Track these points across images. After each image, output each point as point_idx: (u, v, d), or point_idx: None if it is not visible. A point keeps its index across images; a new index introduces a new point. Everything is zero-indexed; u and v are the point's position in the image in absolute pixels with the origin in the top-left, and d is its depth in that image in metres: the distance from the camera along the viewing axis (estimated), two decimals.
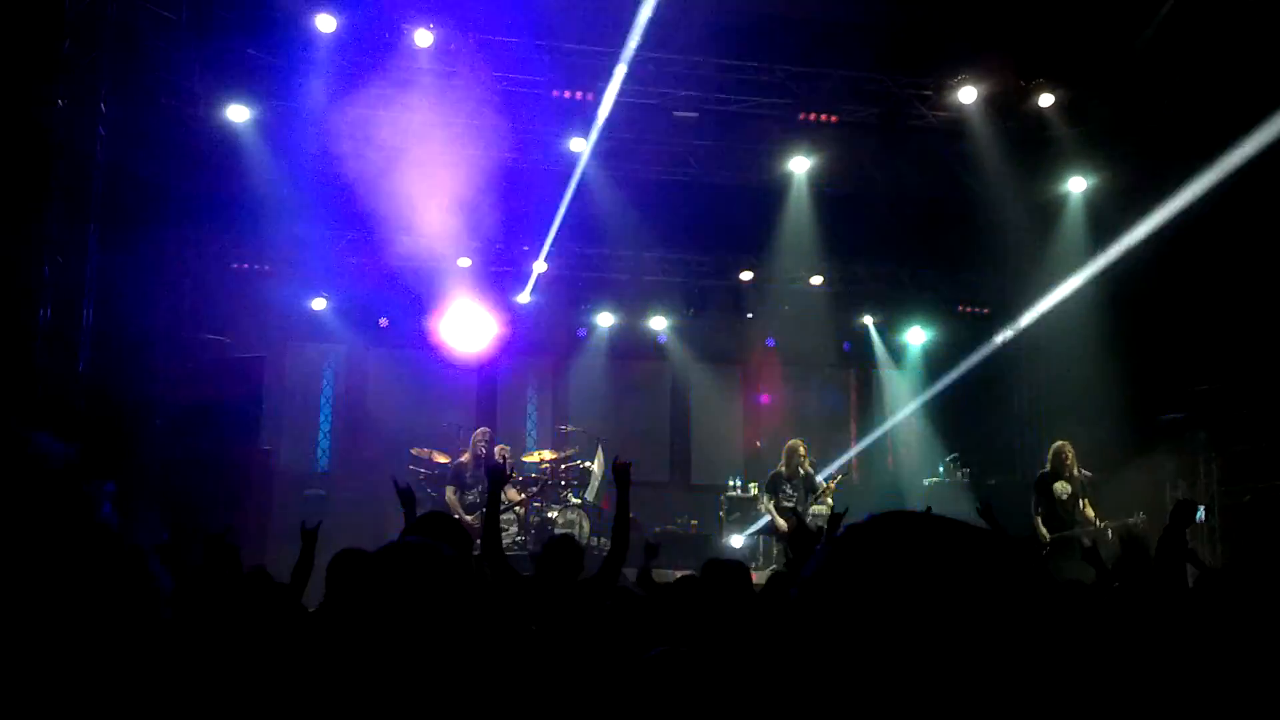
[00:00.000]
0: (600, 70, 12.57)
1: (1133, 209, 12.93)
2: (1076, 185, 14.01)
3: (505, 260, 15.34)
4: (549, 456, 13.91)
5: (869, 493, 15.76)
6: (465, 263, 15.02)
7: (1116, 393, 12.93)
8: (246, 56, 11.79)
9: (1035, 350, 15.30)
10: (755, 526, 13.12)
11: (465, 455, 12.19)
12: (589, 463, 13.93)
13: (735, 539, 13.29)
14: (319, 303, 14.85)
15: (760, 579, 7.85)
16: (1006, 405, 15.84)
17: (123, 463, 9.39)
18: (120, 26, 10.03)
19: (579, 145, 13.51)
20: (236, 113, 12.46)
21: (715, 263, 15.82)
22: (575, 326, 16.26)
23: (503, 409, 16.14)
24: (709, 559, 5.40)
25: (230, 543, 5.09)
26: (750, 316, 16.18)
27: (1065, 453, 10.89)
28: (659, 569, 7.49)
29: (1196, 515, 5.66)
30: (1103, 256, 13.47)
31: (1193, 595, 4.84)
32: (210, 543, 4.92)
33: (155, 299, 11.28)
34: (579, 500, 13.42)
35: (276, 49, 11.74)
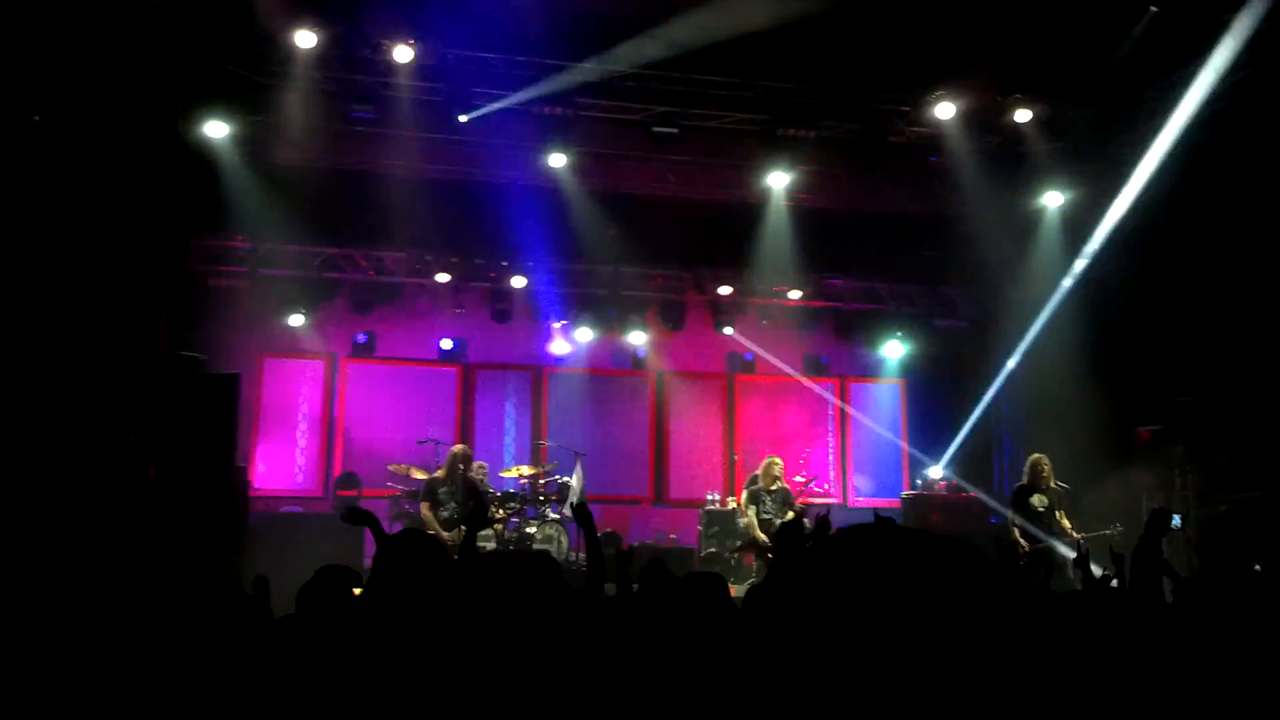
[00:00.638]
0: (579, 85, 12.58)
1: (1109, 223, 13.05)
2: (1053, 200, 14.11)
3: (484, 275, 15.33)
4: (527, 472, 13.89)
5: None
6: (444, 278, 15.01)
7: (1094, 405, 13.01)
8: (225, 72, 11.75)
9: (1013, 362, 15.39)
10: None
11: (440, 471, 12.16)
12: (567, 478, 13.92)
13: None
14: (296, 318, 14.80)
15: (738, 592, 7.86)
16: (984, 417, 15.92)
17: (99, 479, 9.32)
18: (97, 41, 10.00)
19: (558, 160, 13.53)
20: (215, 128, 12.42)
21: (694, 277, 15.85)
22: (554, 341, 16.26)
23: (481, 424, 16.11)
24: (688, 572, 5.39)
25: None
26: (729, 331, 16.21)
27: (1043, 465, 11.05)
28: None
29: (1172, 523, 5.70)
30: (1079, 270, 13.58)
31: (1168, 604, 4.86)
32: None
33: (130, 315, 11.21)
34: (558, 515, 13.39)
35: (256, 65, 11.71)
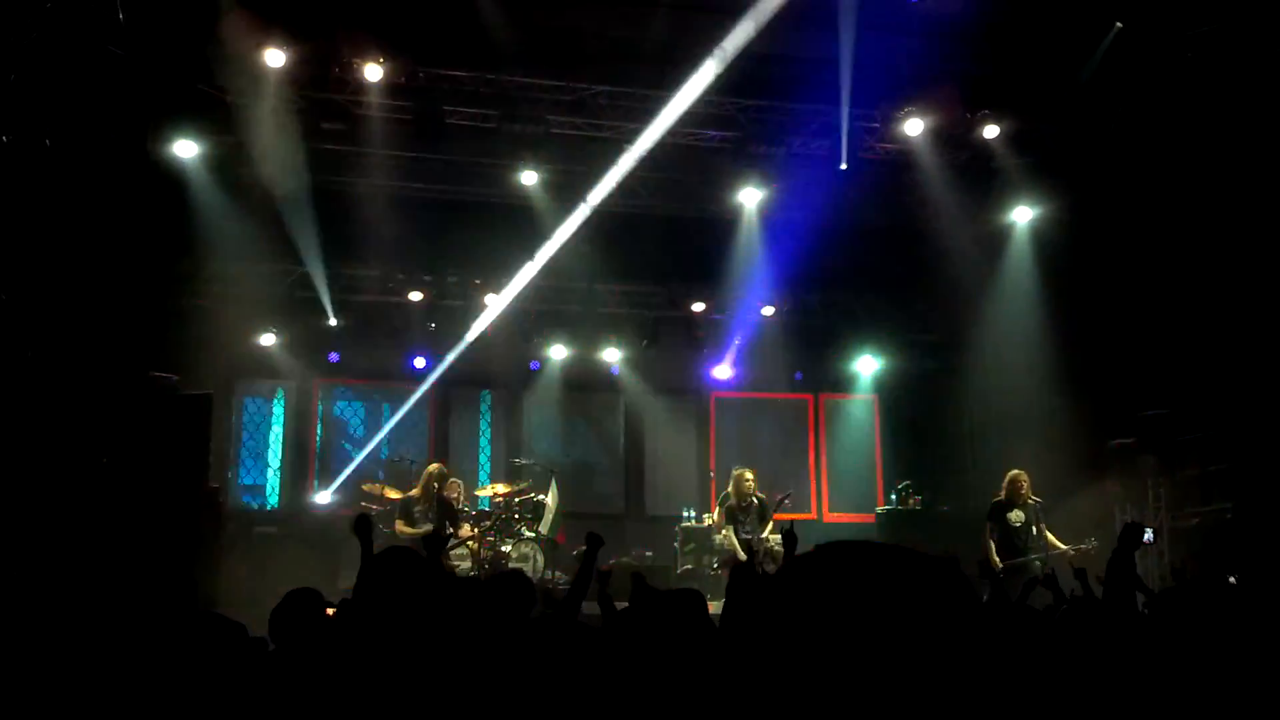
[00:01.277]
0: (552, 103, 12.62)
1: (1078, 237, 13.17)
2: (1022, 215, 14.22)
3: (458, 293, 15.30)
4: (503, 490, 13.84)
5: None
6: (418, 296, 14.98)
7: (1066, 417, 13.10)
8: (195, 92, 11.71)
9: (985, 376, 15.48)
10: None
11: (415, 490, 12.13)
12: (543, 496, 13.87)
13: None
14: (268, 338, 14.72)
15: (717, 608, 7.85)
16: (957, 432, 16.00)
17: (71, 501, 9.24)
18: (66, 60, 9.94)
19: (531, 178, 13.55)
20: (184, 148, 12.37)
21: (668, 294, 15.89)
22: (528, 359, 16.24)
23: (456, 442, 16.06)
24: (654, 590, 5.39)
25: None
26: (703, 347, 16.22)
27: (1020, 481, 11.13)
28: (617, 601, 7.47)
29: (1144, 537, 5.75)
30: (1049, 283, 13.70)
31: (1141, 617, 4.90)
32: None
33: (101, 335, 11.13)
34: (533, 534, 13.34)
35: (225, 84, 11.67)
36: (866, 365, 16.77)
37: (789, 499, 13.28)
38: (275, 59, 11.34)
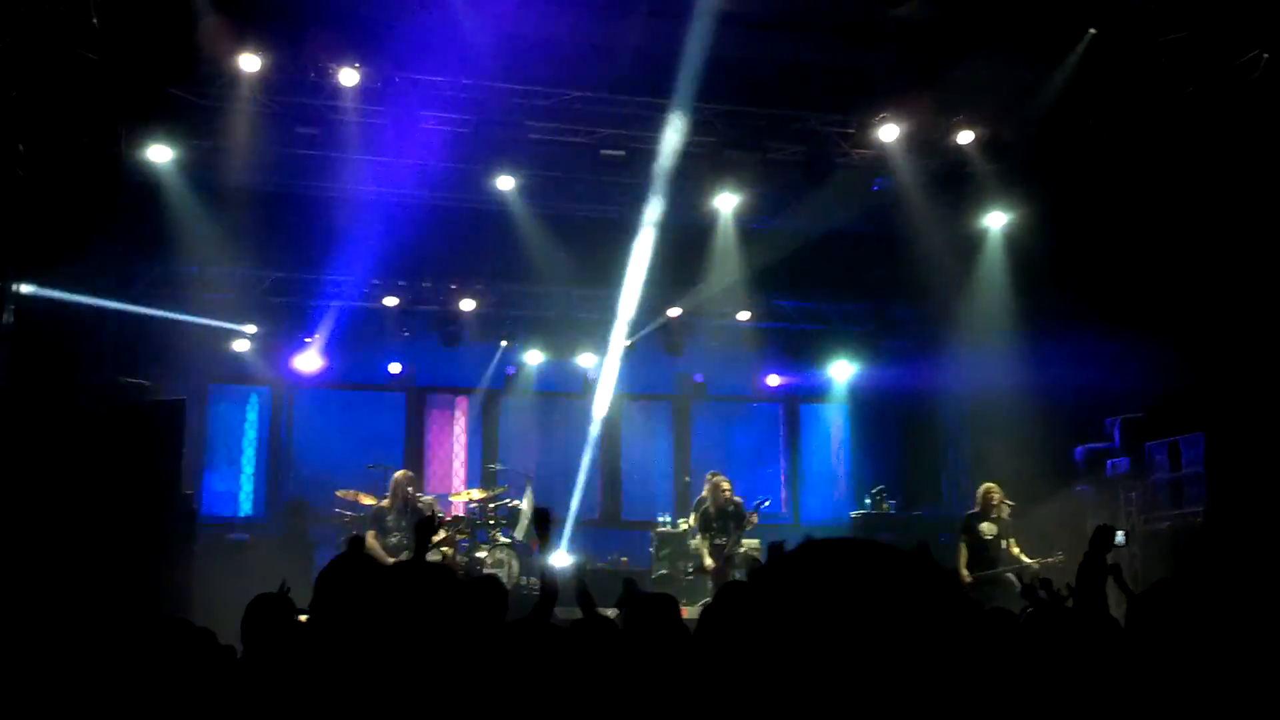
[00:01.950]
0: (528, 108, 12.62)
1: (1051, 243, 13.25)
2: (996, 220, 14.30)
3: (433, 298, 15.26)
4: (478, 495, 13.82)
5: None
6: (392, 301, 14.93)
7: (1039, 423, 13.17)
8: (169, 96, 11.65)
9: (959, 382, 15.57)
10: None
11: (385, 499, 12.11)
12: (518, 501, 13.86)
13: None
14: (241, 343, 14.64)
15: (692, 613, 7.86)
16: (931, 437, 16.08)
17: (44, 508, 9.18)
18: (38, 64, 9.88)
19: (506, 183, 13.52)
20: (158, 153, 12.29)
21: (643, 299, 15.90)
22: (503, 364, 16.20)
23: (430, 448, 16.02)
24: (639, 594, 5.40)
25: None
26: (679, 352, 16.22)
27: (993, 494, 11.27)
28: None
29: (1116, 540, 5.78)
30: (1022, 288, 13.78)
31: (1114, 620, 4.92)
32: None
33: (74, 341, 11.06)
34: (508, 540, 13.32)
35: (199, 89, 11.62)
36: (841, 371, 16.82)
37: (765, 504, 13.32)
38: (250, 63, 11.29)
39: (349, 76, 11.62)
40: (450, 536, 12.83)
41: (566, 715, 3.09)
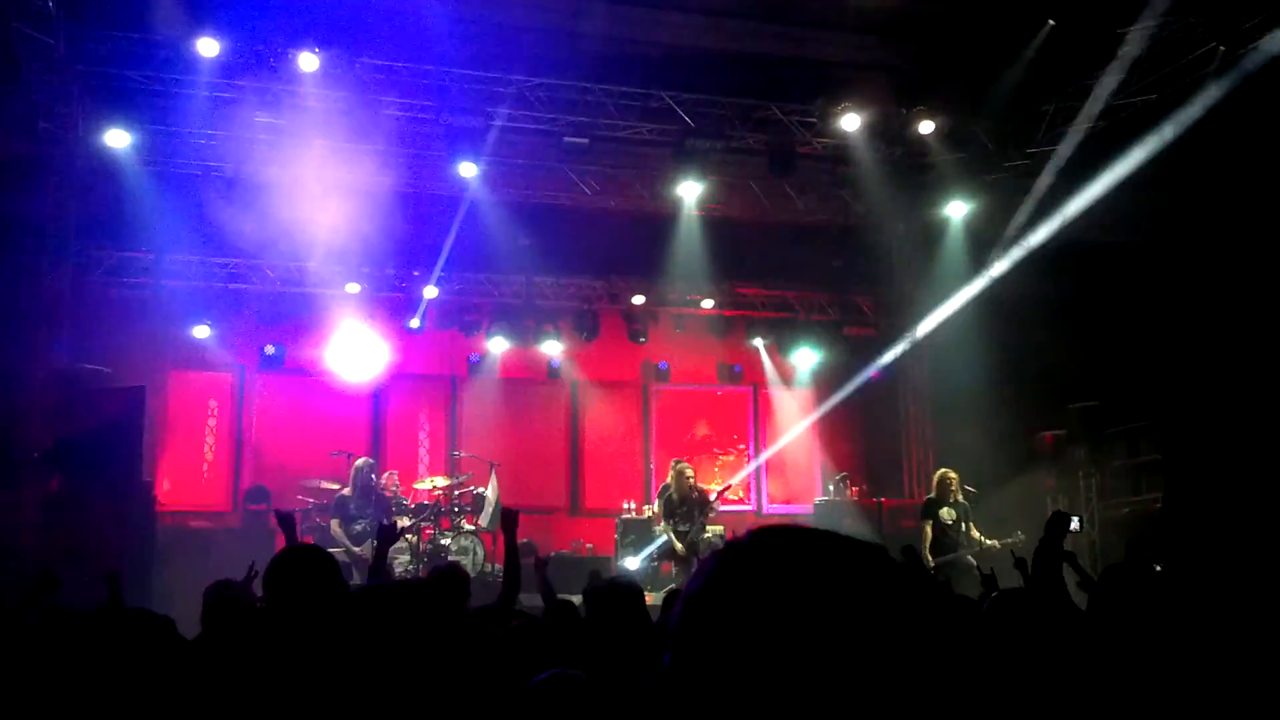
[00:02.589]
0: (490, 95, 12.58)
1: (1010, 232, 13.36)
2: (956, 210, 14.39)
3: (395, 285, 15.19)
4: (442, 483, 13.78)
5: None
6: (354, 288, 14.84)
7: (999, 410, 13.29)
8: (126, 80, 11.52)
9: (919, 369, 15.70)
10: (651, 548, 13.14)
11: (347, 488, 12.07)
12: (482, 489, 13.84)
13: (630, 561, 13.27)
14: (202, 330, 14.51)
15: (655, 600, 7.89)
16: (894, 424, 16.19)
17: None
18: None
19: (469, 170, 13.47)
20: (116, 137, 12.15)
21: (607, 287, 15.89)
22: (467, 351, 16.15)
23: (394, 435, 15.94)
24: (606, 580, 5.43)
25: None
26: (643, 340, 16.23)
27: (949, 479, 11.38)
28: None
29: (1071, 526, 5.87)
30: (982, 278, 13.87)
31: (1072, 603, 4.99)
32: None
33: (31, 328, 10.94)
34: (473, 527, 13.31)
35: (157, 74, 11.50)
36: (804, 358, 16.87)
37: (730, 490, 13.38)
38: (208, 48, 11.17)
39: (309, 61, 11.53)
40: (415, 524, 12.80)
41: (523, 701, 3.10)
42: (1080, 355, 12.58)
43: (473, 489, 13.79)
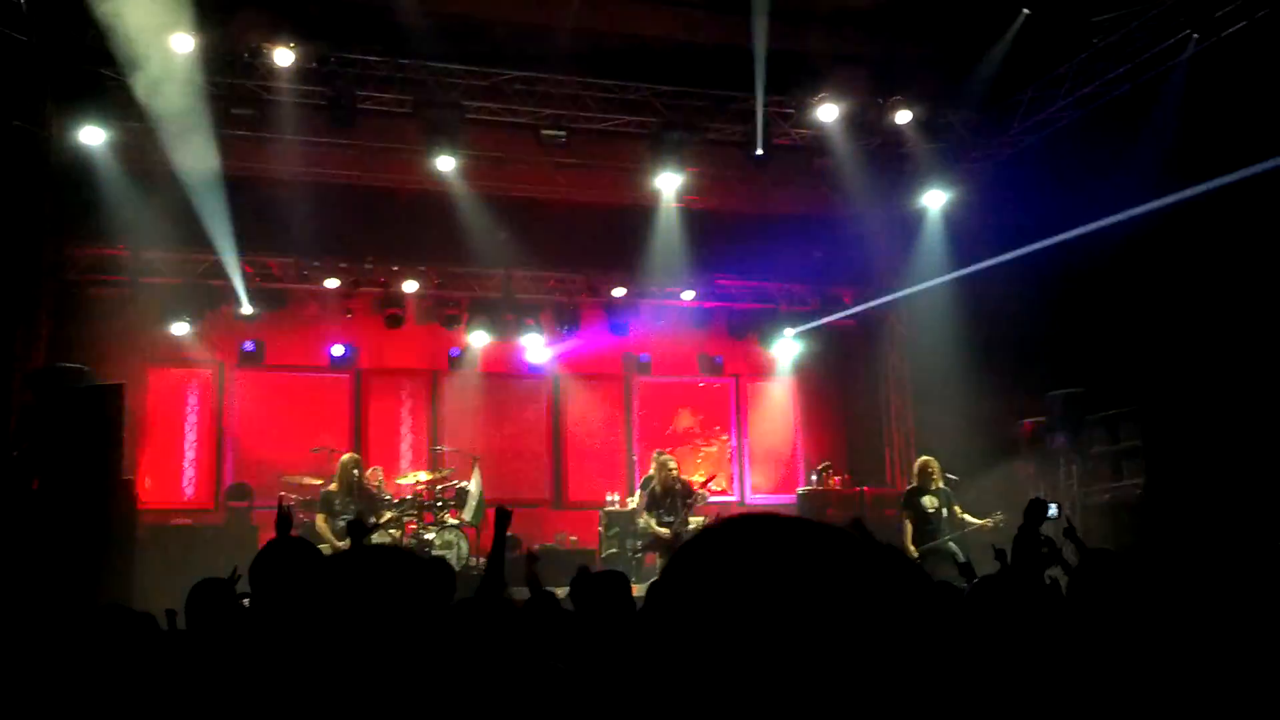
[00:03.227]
0: (467, 89, 12.55)
1: (989, 221, 13.40)
2: (935, 199, 14.43)
3: (375, 280, 15.14)
4: (425, 477, 13.76)
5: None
6: (333, 283, 14.78)
7: (978, 398, 13.35)
8: (101, 77, 11.44)
9: (901, 358, 15.76)
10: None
11: (333, 483, 12.05)
12: (466, 483, 13.82)
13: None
14: (180, 327, 14.42)
15: (641, 591, 7.91)
16: (875, 414, 16.24)
17: None
18: None
19: (447, 164, 13.43)
20: (91, 134, 12.07)
21: (587, 280, 15.87)
22: (448, 346, 16.11)
23: (375, 430, 15.90)
24: (587, 571, 5.43)
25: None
26: (624, 333, 16.22)
27: (930, 467, 11.45)
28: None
29: (1049, 513, 5.91)
30: (962, 266, 13.91)
31: (1049, 589, 5.02)
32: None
33: (8, 326, 10.87)
34: (456, 521, 13.30)
35: (132, 70, 11.42)
36: (786, 349, 16.90)
37: (713, 481, 13.40)
38: (183, 43, 11.11)
39: (284, 56, 11.48)
40: (398, 518, 12.79)
41: (514, 694, 3.10)
42: (1060, 342, 12.63)
43: (456, 483, 13.77)
